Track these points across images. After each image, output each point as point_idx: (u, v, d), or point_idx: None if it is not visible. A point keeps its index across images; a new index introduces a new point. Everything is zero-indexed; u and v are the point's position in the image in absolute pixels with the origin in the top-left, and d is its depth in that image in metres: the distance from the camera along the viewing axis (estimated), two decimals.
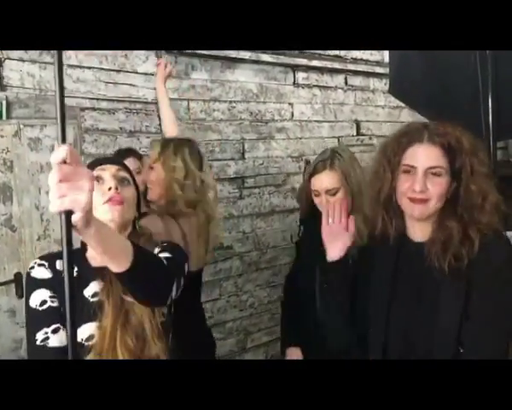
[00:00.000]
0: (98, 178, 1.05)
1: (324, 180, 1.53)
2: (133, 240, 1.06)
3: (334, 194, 1.51)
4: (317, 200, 1.55)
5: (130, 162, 1.87)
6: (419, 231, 1.09)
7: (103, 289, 1.03)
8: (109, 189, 1.04)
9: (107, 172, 1.07)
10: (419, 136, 1.04)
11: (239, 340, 2.66)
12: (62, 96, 0.72)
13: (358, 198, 1.48)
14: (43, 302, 1.01)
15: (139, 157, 1.96)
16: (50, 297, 1.01)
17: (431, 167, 1.02)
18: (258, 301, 2.74)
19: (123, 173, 1.10)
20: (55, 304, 1.01)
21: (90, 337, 0.99)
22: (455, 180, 1.03)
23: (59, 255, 1.06)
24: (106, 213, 1.03)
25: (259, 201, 2.73)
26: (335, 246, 1.14)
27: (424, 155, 1.03)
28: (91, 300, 1.03)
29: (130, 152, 1.99)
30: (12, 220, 1.90)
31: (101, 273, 1.03)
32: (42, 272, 1.03)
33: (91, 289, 1.04)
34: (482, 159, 1.04)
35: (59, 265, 1.04)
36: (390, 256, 1.10)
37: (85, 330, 0.99)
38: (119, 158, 1.16)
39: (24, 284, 1.05)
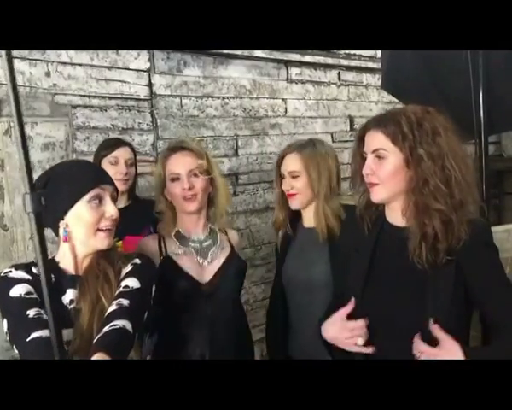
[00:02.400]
0: (98, 198, 1.05)
1: (288, 162, 1.60)
2: (104, 251, 1.08)
3: (296, 177, 1.57)
4: (283, 183, 1.62)
5: (124, 151, 1.85)
6: (394, 217, 1.10)
7: (80, 295, 1.03)
8: (111, 216, 1.05)
9: (107, 194, 1.07)
10: (370, 123, 1.08)
11: None
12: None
13: (317, 188, 1.54)
14: (28, 293, 1.00)
15: (132, 148, 1.93)
16: (34, 292, 1.00)
17: (375, 150, 1.04)
18: (252, 297, 2.74)
19: (115, 194, 1.11)
20: (39, 300, 0.99)
21: (68, 343, 0.98)
22: (414, 166, 1.02)
23: (33, 264, 1.07)
24: (99, 241, 1.05)
25: (253, 197, 2.72)
26: None
27: (370, 140, 1.06)
28: (69, 307, 1.04)
29: (123, 141, 1.94)
30: (4, 219, 1.89)
31: (77, 281, 1.05)
32: (20, 274, 1.03)
33: (68, 296, 1.05)
34: (430, 141, 1.01)
35: (35, 270, 1.03)
36: (370, 239, 1.12)
37: (64, 336, 0.95)
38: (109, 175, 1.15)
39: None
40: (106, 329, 0.94)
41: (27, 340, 0.91)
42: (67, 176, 1.06)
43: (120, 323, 0.95)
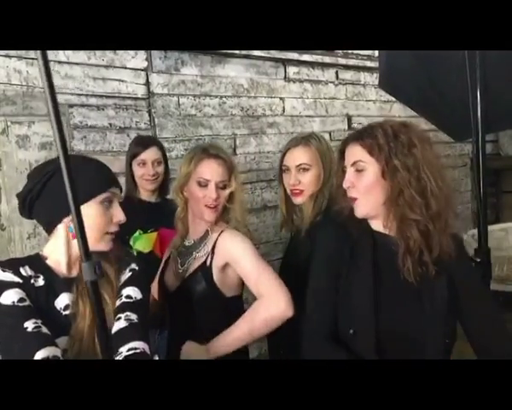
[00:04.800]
0: (109, 201, 1.01)
1: (296, 155, 1.50)
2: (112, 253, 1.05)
3: (306, 170, 1.48)
4: (285, 178, 1.53)
5: (151, 152, 1.82)
6: (379, 226, 1.10)
7: (75, 301, 0.97)
8: (119, 221, 1.02)
9: (116, 199, 1.03)
10: (349, 137, 1.10)
11: None
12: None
13: (328, 181, 1.48)
14: (22, 300, 0.91)
15: (161, 146, 1.90)
16: (27, 298, 0.93)
17: (354, 163, 1.06)
18: (251, 296, 2.73)
19: (120, 198, 1.07)
20: (33, 308, 0.93)
21: (64, 352, 0.92)
22: (390, 176, 1.03)
23: (18, 262, 0.99)
24: (104, 244, 1.01)
25: (251, 196, 2.72)
26: None
27: (349, 153, 1.08)
28: (64, 313, 0.97)
29: (152, 141, 1.91)
30: (1, 219, 1.88)
31: (72, 284, 0.99)
32: (9, 277, 0.94)
33: (62, 300, 0.98)
34: (406, 152, 1.03)
35: (23, 271, 0.97)
36: (365, 252, 1.09)
37: (60, 345, 0.91)
38: (116, 179, 1.10)
39: None
40: (125, 352, 0.90)
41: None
42: (82, 172, 0.97)
43: (140, 346, 0.91)
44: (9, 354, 0.87)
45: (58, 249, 1.01)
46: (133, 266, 1.05)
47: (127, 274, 1.03)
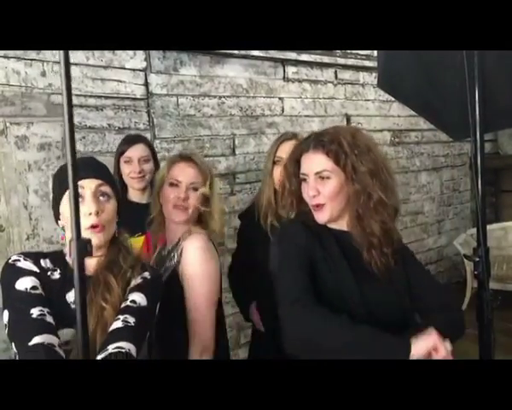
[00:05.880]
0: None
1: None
2: (113, 255, 1.06)
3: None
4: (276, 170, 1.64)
5: (138, 149, 1.80)
6: (335, 224, 1.15)
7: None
8: (89, 214, 0.99)
9: (88, 191, 1.01)
10: (306, 145, 1.13)
11: (232, 336, 2.66)
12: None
13: None
14: (34, 288, 0.97)
15: (149, 144, 1.89)
16: (40, 287, 0.98)
17: (318, 172, 1.09)
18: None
19: (104, 188, 1.04)
20: (43, 297, 0.98)
21: (67, 343, 0.96)
22: (350, 181, 1.09)
23: (41, 255, 1.06)
24: (89, 236, 0.98)
25: (251, 196, 2.72)
26: None
27: (309, 162, 1.11)
28: (72, 306, 1.00)
29: (139, 138, 1.90)
30: (0, 220, 1.88)
31: (85, 281, 1.02)
32: (28, 265, 1.01)
33: (73, 295, 0.99)
34: (367, 157, 1.08)
35: (43, 263, 1.03)
36: (331, 247, 1.12)
37: (63, 335, 0.96)
38: (98, 167, 1.09)
39: (4, 274, 0.99)
40: (111, 349, 0.92)
41: (29, 344, 0.88)
42: (55, 177, 1.09)
43: (126, 346, 0.93)
44: (13, 336, 0.94)
45: (68, 247, 1.04)
46: (146, 274, 1.08)
47: (138, 280, 1.06)
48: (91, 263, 1.06)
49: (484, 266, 1.19)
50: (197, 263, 1.31)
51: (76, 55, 2.04)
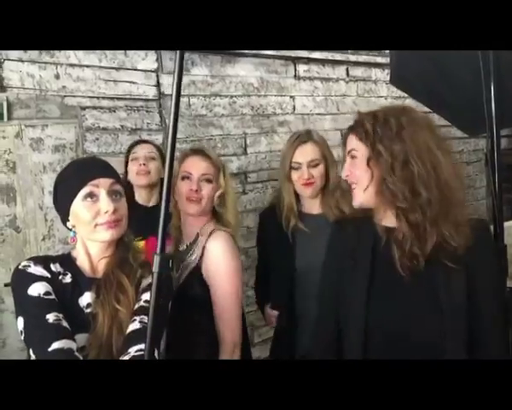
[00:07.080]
0: (92, 195, 1.01)
1: (306, 151, 1.65)
2: (122, 253, 1.07)
3: (315, 166, 1.65)
4: (301, 175, 1.65)
5: (143, 147, 1.88)
6: (383, 218, 1.06)
7: (97, 300, 1.01)
8: (106, 212, 1.00)
9: (102, 190, 1.02)
10: (347, 129, 1.11)
11: None
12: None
13: (330, 175, 1.67)
14: (47, 293, 0.97)
15: (157, 146, 1.96)
16: (53, 292, 0.98)
17: (349, 151, 1.08)
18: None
19: (116, 187, 1.06)
20: (57, 302, 0.98)
21: (83, 348, 0.96)
22: (374, 163, 1.01)
23: (51, 259, 1.06)
24: (101, 233, 1.01)
25: (263, 195, 2.72)
26: None
27: (347, 143, 1.10)
28: (86, 310, 1.01)
29: (147, 141, 1.99)
30: (16, 221, 1.91)
31: (95, 284, 1.03)
32: (39, 271, 1.00)
33: (86, 299, 1.03)
34: (396, 140, 0.99)
35: (54, 267, 1.03)
36: (365, 246, 1.06)
37: (78, 341, 0.96)
38: (108, 167, 1.10)
39: (16, 280, 0.99)
40: (133, 352, 0.93)
41: (49, 350, 0.89)
42: (63, 177, 1.07)
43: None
44: (31, 342, 0.93)
45: (79, 250, 1.07)
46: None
47: (150, 279, 1.05)
48: (101, 264, 1.07)
49: (502, 264, 1.17)
50: (225, 262, 1.31)
51: (89, 58, 2.07)
